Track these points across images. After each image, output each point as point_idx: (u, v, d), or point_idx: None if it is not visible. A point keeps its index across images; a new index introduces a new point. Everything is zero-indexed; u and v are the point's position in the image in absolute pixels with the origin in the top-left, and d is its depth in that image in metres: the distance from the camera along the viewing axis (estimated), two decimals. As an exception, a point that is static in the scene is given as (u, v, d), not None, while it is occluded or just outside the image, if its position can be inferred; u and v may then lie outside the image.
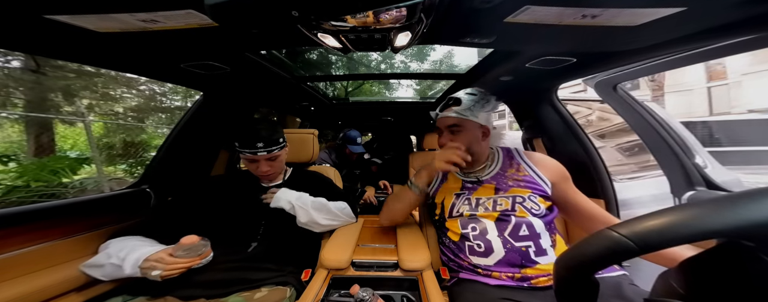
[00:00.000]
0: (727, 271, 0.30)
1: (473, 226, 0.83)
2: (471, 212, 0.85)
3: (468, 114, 0.86)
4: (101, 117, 5.24)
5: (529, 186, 0.84)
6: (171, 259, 0.71)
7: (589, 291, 0.34)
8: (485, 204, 0.85)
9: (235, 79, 1.06)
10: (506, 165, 0.92)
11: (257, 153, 0.92)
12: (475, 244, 0.81)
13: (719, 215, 0.28)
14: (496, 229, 0.80)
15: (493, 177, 0.90)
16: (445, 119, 0.90)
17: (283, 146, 1.01)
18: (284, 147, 1.02)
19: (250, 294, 0.76)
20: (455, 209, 0.88)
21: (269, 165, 0.97)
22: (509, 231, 0.79)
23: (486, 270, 0.78)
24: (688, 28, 0.62)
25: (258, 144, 0.92)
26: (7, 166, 4.02)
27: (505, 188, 0.85)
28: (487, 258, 0.78)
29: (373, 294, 0.64)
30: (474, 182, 0.90)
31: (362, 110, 2.50)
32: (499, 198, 0.84)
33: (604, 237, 0.31)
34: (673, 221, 0.29)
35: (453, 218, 0.88)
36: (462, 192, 0.90)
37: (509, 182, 0.87)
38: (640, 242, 0.29)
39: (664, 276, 0.36)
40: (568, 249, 0.36)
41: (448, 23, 0.62)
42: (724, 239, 0.31)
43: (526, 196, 0.82)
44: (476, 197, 0.87)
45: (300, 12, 0.41)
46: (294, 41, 0.71)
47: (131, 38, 0.63)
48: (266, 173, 0.98)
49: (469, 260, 0.81)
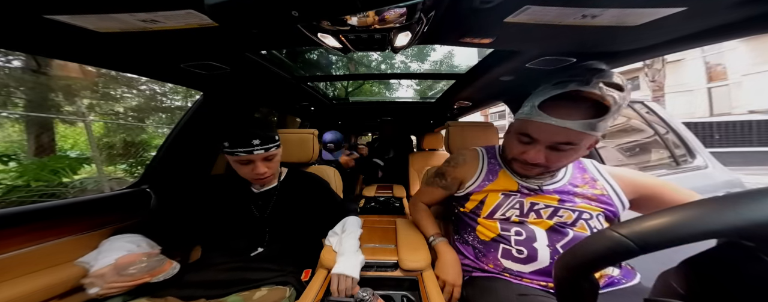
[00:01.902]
0: (727, 271, 0.30)
1: (518, 230, 0.74)
2: (520, 219, 0.75)
3: (600, 128, 0.61)
4: (102, 117, 5.24)
5: (602, 206, 0.72)
6: (112, 278, 0.63)
7: (589, 291, 0.34)
8: (540, 211, 0.74)
9: (235, 79, 1.06)
10: (577, 178, 0.77)
11: (254, 151, 0.83)
12: (515, 249, 0.73)
13: (720, 215, 0.27)
14: (547, 238, 0.71)
15: (558, 190, 0.75)
16: (552, 131, 0.63)
17: (279, 144, 0.94)
18: (280, 146, 0.95)
19: (249, 294, 0.76)
20: (499, 211, 0.77)
21: (267, 166, 0.88)
22: (563, 243, 0.70)
23: (517, 276, 0.73)
24: (688, 28, 0.62)
25: (254, 141, 0.83)
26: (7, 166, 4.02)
27: (573, 202, 0.73)
28: (526, 265, 0.72)
29: (373, 294, 0.64)
30: (533, 189, 0.77)
31: (362, 110, 2.50)
32: (563, 210, 0.72)
33: (605, 236, 0.31)
34: (674, 221, 0.29)
35: (492, 219, 0.79)
36: (513, 194, 0.77)
37: (577, 198, 0.73)
38: (641, 242, 0.29)
39: (664, 276, 0.36)
40: (568, 249, 0.36)
41: (448, 23, 0.62)
42: (725, 239, 0.31)
43: (594, 214, 0.71)
44: (531, 201, 0.75)
45: (300, 12, 0.41)
46: (294, 41, 0.71)
47: (131, 38, 0.63)
48: (263, 176, 0.88)
49: (499, 262, 0.75)
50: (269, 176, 0.92)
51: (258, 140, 0.84)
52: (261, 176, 0.88)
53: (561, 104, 0.63)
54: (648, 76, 8.11)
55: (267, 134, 0.87)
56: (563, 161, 0.69)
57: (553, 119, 0.62)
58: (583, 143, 0.64)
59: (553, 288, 0.38)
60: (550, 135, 0.65)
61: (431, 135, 2.66)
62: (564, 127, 0.61)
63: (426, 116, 2.62)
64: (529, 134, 0.68)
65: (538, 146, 0.68)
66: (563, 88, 0.62)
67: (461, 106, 1.93)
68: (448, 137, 1.25)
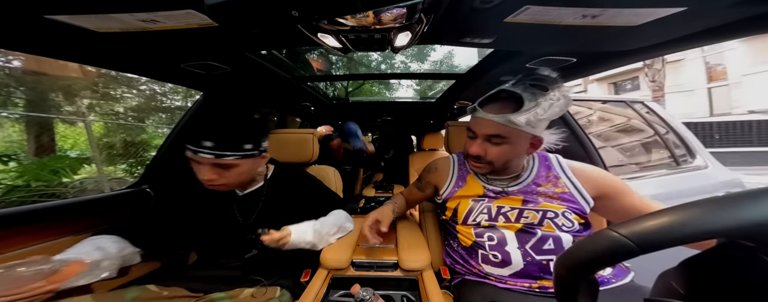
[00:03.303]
0: (728, 271, 0.30)
1: (490, 235, 0.76)
2: (490, 223, 0.78)
3: (522, 124, 0.65)
4: (102, 117, 5.24)
5: (564, 203, 0.73)
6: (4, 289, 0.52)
7: (589, 290, 0.34)
8: (508, 214, 0.76)
9: (235, 79, 1.06)
10: (541, 177, 0.78)
11: (199, 153, 0.70)
12: (491, 254, 0.75)
13: (720, 215, 0.27)
14: (517, 241, 0.73)
15: (522, 190, 0.77)
16: (484, 124, 0.70)
17: (249, 155, 0.77)
18: (252, 157, 0.78)
19: (236, 292, 0.76)
20: (471, 217, 0.80)
21: (216, 174, 0.74)
22: (532, 244, 0.72)
23: (499, 279, 0.74)
24: (688, 28, 0.62)
25: (205, 143, 0.71)
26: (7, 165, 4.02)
27: (536, 202, 0.74)
28: (503, 268, 0.74)
29: (373, 293, 0.64)
30: (498, 191, 0.79)
31: (362, 110, 2.50)
32: (527, 211, 0.74)
33: (605, 236, 0.31)
34: (674, 221, 0.29)
35: (467, 225, 0.81)
36: (481, 199, 0.80)
37: (540, 197, 0.75)
38: (641, 242, 0.29)
39: (663, 276, 0.36)
40: (567, 249, 0.36)
41: (448, 23, 0.62)
42: (725, 239, 0.31)
43: (559, 212, 0.72)
44: (498, 205, 0.78)
45: (300, 12, 0.41)
46: (294, 41, 0.71)
47: (131, 38, 0.63)
48: (211, 183, 0.75)
49: (481, 267, 0.77)
50: (220, 184, 0.76)
51: (211, 143, 0.71)
52: (208, 183, 0.76)
53: (494, 102, 0.71)
54: (648, 76, 8.11)
55: (231, 139, 0.74)
56: (503, 156, 0.72)
57: (482, 114, 0.69)
58: (514, 138, 0.69)
59: (553, 288, 0.38)
60: (483, 128, 0.71)
61: (431, 135, 2.66)
62: (491, 120, 0.68)
63: (426, 116, 2.62)
64: (471, 128, 0.76)
65: (477, 140, 0.74)
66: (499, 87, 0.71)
67: (461, 106, 1.93)
68: (448, 137, 1.25)
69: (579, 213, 0.73)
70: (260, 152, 0.82)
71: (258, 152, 0.80)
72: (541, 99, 0.65)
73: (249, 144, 0.77)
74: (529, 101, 0.65)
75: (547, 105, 0.64)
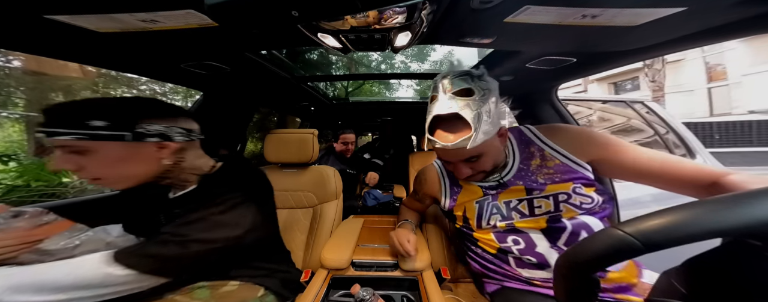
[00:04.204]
0: (732, 271, 0.30)
1: (514, 239, 0.69)
2: (507, 224, 0.71)
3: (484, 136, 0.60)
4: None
5: (568, 179, 0.67)
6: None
7: (589, 290, 0.34)
8: (519, 208, 0.70)
9: (235, 79, 1.06)
10: (525, 155, 0.74)
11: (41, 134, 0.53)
12: (524, 258, 0.68)
13: (727, 214, 0.27)
14: (547, 240, 0.67)
15: (517, 176, 0.73)
16: (452, 153, 0.65)
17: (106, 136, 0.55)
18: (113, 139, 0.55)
19: (218, 284, 0.71)
20: (484, 220, 0.74)
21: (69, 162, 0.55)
22: (565, 240, 0.65)
23: (545, 282, 0.67)
24: (688, 28, 0.62)
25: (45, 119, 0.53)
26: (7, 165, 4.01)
27: (540, 188, 0.68)
28: (544, 270, 0.67)
29: (373, 293, 0.64)
30: (495, 186, 0.75)
31: (362, 110, 2.50)
32: (536, 199, 0.68)
33: (609, 235, 0.31)
34: (680, 219, 0.28)
35: (483, 230, 0.75)
36: (485, 198, 0.75)
37: (539, 178, 0.70)
38: (646, 240, 0.28)
39: (665, 276, 0.36)
40: (571, 247, 0.35)
41: (448, 23, 0.62)
42: (730, 238, 0.30)
43: (569, 191, 0.66)
44: (504, 200, 0.72)
45: (300, 12, 0.41)
46: (294, 41, 0.71)
47: (131, 38, 0.63)
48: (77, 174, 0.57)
49: (518, 272, 0.70)
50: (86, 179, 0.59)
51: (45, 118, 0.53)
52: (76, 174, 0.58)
53: (442, 125, 0.64)
54: (648, 76, 8.11)
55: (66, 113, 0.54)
56: (490, 163, 0.69)
57: (443, 145, 0.63)
58: (488, 146, 0.64)
59: (553, 285, 0.38)
60: (454, 156, 0.66)
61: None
62: (456, 148, 0.62)
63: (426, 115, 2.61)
64: (442, 158, 0.72)
65: (459, 165, 0.69)
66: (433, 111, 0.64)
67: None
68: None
69: (587, 183, 0.67)
70: (139, 135, 0.58)
71: (131, 135, 0.57)
72: (478, 104, 0.60)
73: (100, 121, 0.54)
74: (471, 117, 0.59)
75: (486, 104, 0.61)
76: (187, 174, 0.70)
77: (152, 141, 0.60)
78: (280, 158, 1.22)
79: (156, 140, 0.61)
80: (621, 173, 0.68)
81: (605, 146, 0.67)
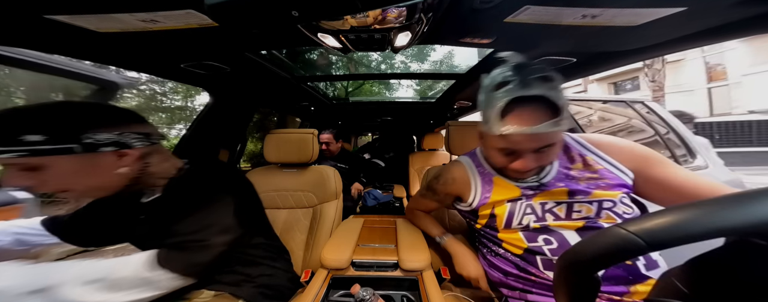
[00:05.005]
0: (736, 270, 0.30)
1: (547, 238, 0.67)
2: (541, 224, 0.68)
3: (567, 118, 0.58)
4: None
5: (616, 186, 0.65)
6: None
7: (590, 289, 0.34)
8: (555, 211, 0.68)
9: (236, 79, 1.06)
10: (566, 158, 0.72)
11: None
12: (554, 259, 0.65)
13: (731, 213, 0.27)
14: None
15: (558, 178, 0.70)
16: (530, 139, 0.60)
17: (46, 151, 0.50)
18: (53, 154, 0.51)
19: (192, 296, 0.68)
20: (515, 220, 0.71)
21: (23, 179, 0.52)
22: None
23: None
24: (688, 28, 0.62)
25: None
26: None
27: (585, 192, 0.66)
28: None
29: (373, 293, 0.64)
30: (535, 186, 0.71)
31: (362, 110, 2.50)
32: (578, 204, 0.66)
33: (612, 234, 0.31)
34: (684, 218, 0.28)
35: (511, 230, 0.72)
36: (519, 198, 0.72)
37: (582, 182, 0.67)
38: (650, 239, 0.28)
39: (667, 275, 0.36)
40: (573, 246, 0.35)
41: (448, 23, 0.62)
42: (734, 237, 0.30)
43: (616, 199, 0.63)
44: (540, 201, 0.69)
45: (300, 12, 0.41)
46: (294, 41, 0.71)
47: (131, 38, 0.63)
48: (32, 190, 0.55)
49: (545, 275, 0.66)
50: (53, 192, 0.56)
51: None
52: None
53: (514, 112, 0.60)
54: (648, 76, 8.10)
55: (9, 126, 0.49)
56: (552, 157, 0.66)
57: (523, 129, 0.58)
58: (558, 138, 0.62)
59: (553, 285, 0.37)
60: (528, 144, 0.62)
61: (431, 135, 2.66)
62: (538, 133, 0.58)
63: (426, 116, 2.62)
64: (509, 147, 0.65)
65: (523, 155, 0.64)
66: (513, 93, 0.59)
67: (461, 106, 1.93)
68: (449, 137, 1.25)
69: (630, 194, 0.65)
70: (89, 146, 0.54)
71: (80, 147, 0.53)
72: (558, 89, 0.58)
73: (36, 135, 0.49)
74: (557, 99, 0.57)
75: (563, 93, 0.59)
76: (156, 179, 0.67)
77: (108, 150, 0.57)
78: (280, 158, 1.22)
79: (112, 148, 0.57)
80: (653, 190, 0.66)
81: (646, 158, 0.66)
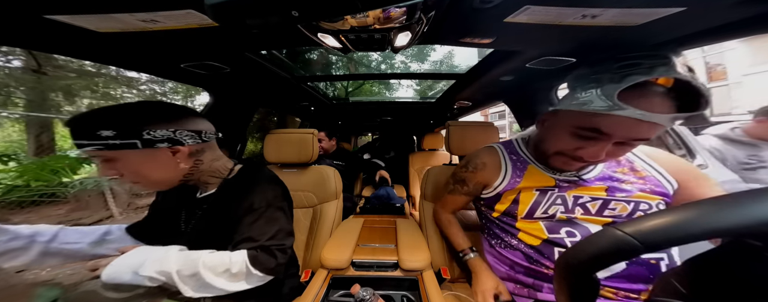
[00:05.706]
0: (733, 271, 0.30)
1: (570, 231, 0.65)
2: (567, 216, 0.67)
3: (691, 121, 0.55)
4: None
5: (658, 192, 0.64)
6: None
7: (590, 290, 0.34)
8: (587, 205, 0.66)
9: (236, 79, 1.06)
10: (612, 162, 0.70)
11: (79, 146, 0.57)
12: None
13: (727, 214, 0.27)
14: None
15: (600, 178, 0.68)
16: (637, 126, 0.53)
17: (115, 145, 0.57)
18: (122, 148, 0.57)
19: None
20: (540, 209, 0.69)
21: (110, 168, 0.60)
22: None
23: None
24: (688, 28, 0.62)
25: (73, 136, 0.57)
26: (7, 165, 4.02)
27: (627, 192, 0.64)
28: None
29: (373, 293, 0.64)
30: (573, 180, 0.69)
31: (362, 110, 2.50)
32: (615, 202, 0.64)
33: (609, 235, 0.31)
34: (679, 219, 0.28)
35: (532, 219, 0.70)
36: (551, 189, 0.70)
37: (626, 185, 0.65)
38: (646, 240, 0.28)
39: (665, 276, 0.36)
40: (570, 247, 0.35)
41: (448, 23, 0.62)
42: (730, 238, 0.30)
43: (653, 203, 0.63)
44: (574, 195, 0.67)
45: (300, 12, 0.41)
46: (294, 41, 0.71)
47: (131, 38, 0.63)
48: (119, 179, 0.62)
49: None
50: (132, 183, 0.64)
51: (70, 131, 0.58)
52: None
53: (642, 94, 0.52)
54: (648, 76, 8.10)
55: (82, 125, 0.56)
56: (624, 154, 0.61)
57: (639, 113, 0.49)
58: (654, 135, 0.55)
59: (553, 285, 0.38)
60: (628, 131, 0.54)
61: (431, 135, 2.66)
62: (651, 121, 0.50)
63: (426, 116, 2.62)
64: (600, 129, 0.56)
65: (603, 142, 0.57)
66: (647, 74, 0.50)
67: (461, 106, 1.93)
68: (449, 137, 1.25)
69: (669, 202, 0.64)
70: (147, 142, 0.59)
71: (140, 142, 0.58)
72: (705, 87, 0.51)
73: (108, 130, 0.56)
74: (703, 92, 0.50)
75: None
76: (207, 177, 0.73)
77: (163, 147, 0.61)
78: (280, 158, 1.22)
79: (166, 145, 0.62)
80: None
81: (692, 173, 0.65)
